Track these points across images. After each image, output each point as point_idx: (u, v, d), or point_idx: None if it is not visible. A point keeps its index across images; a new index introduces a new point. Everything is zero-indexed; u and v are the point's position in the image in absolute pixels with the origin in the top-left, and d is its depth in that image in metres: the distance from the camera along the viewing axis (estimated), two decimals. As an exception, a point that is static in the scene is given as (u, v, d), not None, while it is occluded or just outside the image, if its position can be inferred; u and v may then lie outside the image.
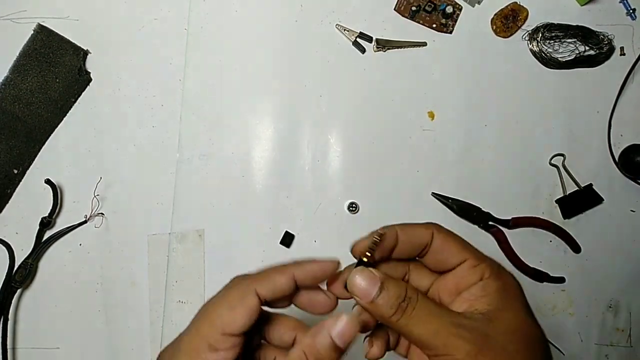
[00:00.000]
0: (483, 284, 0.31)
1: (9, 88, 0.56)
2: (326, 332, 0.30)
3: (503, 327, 0.29)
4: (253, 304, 0.30)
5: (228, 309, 0.30)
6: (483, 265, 0.31)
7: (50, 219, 0.56)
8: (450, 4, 0.60)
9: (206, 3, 0.60)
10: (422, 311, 0.29)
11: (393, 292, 0.30)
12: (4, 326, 0.54)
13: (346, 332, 0.30)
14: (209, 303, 0.31)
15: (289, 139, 0.60)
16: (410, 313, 0.29)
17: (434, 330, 0.29)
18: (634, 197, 0.62)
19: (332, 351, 0.30)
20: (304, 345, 0.30)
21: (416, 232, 0.33)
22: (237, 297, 0.30)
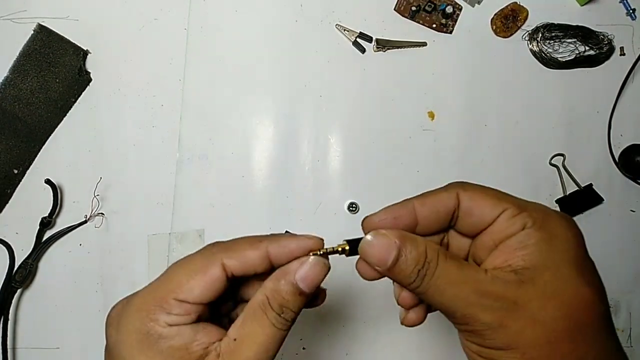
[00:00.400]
0: (524, 234, 0.26)
1: (9, 88, 0.56)
2: (290, 275, 0.28)
3: (538, 291, 0.25)
4: (216, 275, 0.28)
5: (187, 275, 0.28)
6: (525, 214, 0.27)
7: (50, 219, 0.56)
8: (450, 4, 0.60)
9: (206, 3, 0.60)
10: (442, 277, 0.26)
11: (411, 257, 0.27)
12: (4, 326, 0.54)
13: (310, 276, 0.28)
14: (173, 265, 0.29)
15: (289, 139, 0.60)
16: (429, 280, 0.26)
17: (453, 298, 0.26)
18: (634, 197, 0.62)
19: (296, 295, 0.28)
20: (267, 289, 0.28)
21: (438, 200, 0.29)
22: (199, 265, 0.28)
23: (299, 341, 0.58)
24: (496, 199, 0.28)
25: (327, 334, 0.59)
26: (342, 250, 0.30)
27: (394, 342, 0.60)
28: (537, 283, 0.25)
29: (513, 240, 0.26)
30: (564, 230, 0.27)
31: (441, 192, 0.29)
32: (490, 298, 0.25)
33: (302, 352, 0.58)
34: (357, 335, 0.59)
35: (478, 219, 0.28)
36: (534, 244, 0.26)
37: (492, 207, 0.27)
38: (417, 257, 0.27)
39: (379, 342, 0.60)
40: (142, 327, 0.27)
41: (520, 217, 0.27)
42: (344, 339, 0.59)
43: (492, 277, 0.26)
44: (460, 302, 0.25)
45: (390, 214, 0.29)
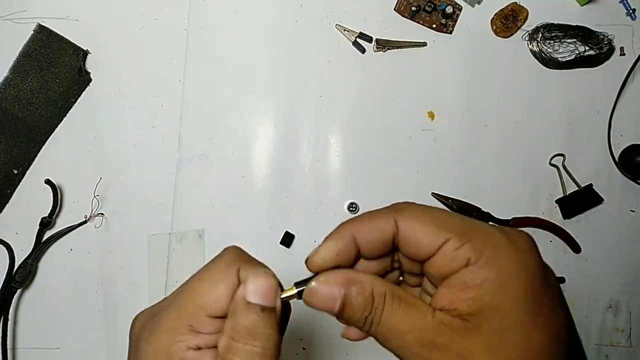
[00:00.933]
0: (467, 272, 0.23)
1: (9, 88, 0.56)
2: (240, 301, 0.25)
3: (484, 341, 0.23)
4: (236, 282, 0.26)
5: (211, 284, 0.26)
6: (468, 247, 0.24)
7: (50, 219, 0.56)
8: (450, 4, 0.60)
9: (206, 3, 0.60)
10: (387, 325, 0.25)
11: (357, 304, 0.25)
12: (4, 326, 0.54)
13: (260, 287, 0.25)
14: (196, 274, 0.27)
15: (289, 139, 0.60)
16: (375, 327, 0.25)
17: (399, 347, 0.25)
18: (634, 197, 0.62)
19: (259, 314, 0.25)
20: (227, 330, 0.25)
21: (375, 227, 0.26)
22: (223, 270, 0.26)
23: (299, 341, 0.58)
24: (436, 227, 0.25)
25: (327, 334, 0.59)
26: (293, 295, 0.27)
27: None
28: (483, 332, 0.23)
29: (457, 279, 0.24)
30: (514, 265, 0.23)
31: (379, 218, 0.26)
32: (434, 350, 0.23)
33: (302, 352, 0.58)
34: (357, 335, 0.59)
35: (417, 249, 0.25)
36: (478, 286, 0.23)
37: (432, 236, 0.24)
38: (364, 303, 0.25)
39: (379, 342, 0.60)
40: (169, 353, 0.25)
41: (464, 251, 0.24)
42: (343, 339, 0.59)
43: (438, 323, 0.24)
44: (405, 351, 0.24)
45: (331, 252, 0.27)
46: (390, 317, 0.25)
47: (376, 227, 0.26)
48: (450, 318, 0.24)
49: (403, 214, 0.26)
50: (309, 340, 0.59)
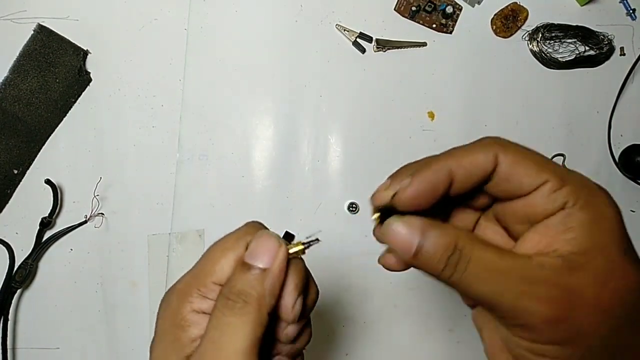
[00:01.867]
0: (565, 214, 0.23)
1: (9, 88, 0.56)
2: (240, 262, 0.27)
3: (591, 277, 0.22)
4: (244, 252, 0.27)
5: (220, 253, 0.27)
6: (567, 189, 0.24)
7: (50, 219, 0.56)
8: (450, 4, 0.60)
9: (206, 3, 0.60)
10: (479, 265, 0.23)
11: (439, 243, 0.24)
12: (4, 326, 0.54)
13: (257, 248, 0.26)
14: (214, 242, 0.29)
15: (289, 139, 0.60)
16: (463, 269, 0.23)
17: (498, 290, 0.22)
18: (634, 197, 0.62)
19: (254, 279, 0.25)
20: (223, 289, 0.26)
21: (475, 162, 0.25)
22: (233, 241, 0.28)
23: (299, 341, 0.58)
24: (538, 166, 0.24)
25: (327, 334, 0.59)
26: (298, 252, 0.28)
27: (393, 342, 0.60)
28: (589, 269, 0.22)
29: (555, 220, 0.24)
30: (608, 209, 0.24)
31: (477, 152, 0.26)
32: (543, 286, 0.22)
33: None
34: (357, 335, 0.59)
35: (516, 187, 0.25)
36: (580, 226, 0.23)
37: (533, 176, 0.24)
38: (446, 242, 0.24)
39: (378, 342, 0.60)
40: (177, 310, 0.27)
41: (562, 194, 0.24)
42: (344, 339, 0.59)
43: (539, 263, 0.23)
44: (507, 292, 0.22)
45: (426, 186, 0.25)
46: (483, 255, 0.23)
47: (477, 162, 0.25)
48: (551, 259, 0.23)
49: (505, 149, 0.25)
50: (309, 340, 0.59)
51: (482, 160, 0.25)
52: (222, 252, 0.27)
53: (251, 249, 0.26)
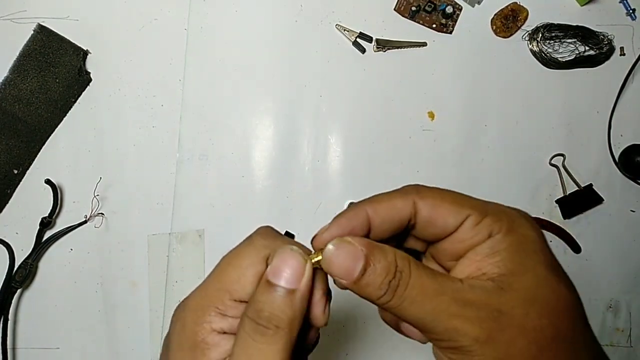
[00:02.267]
0: (492, 241, 0.24)
1: (9, 88, 0.56)
2: (262, 280, 0.25)
3: (520, 297, 0.23)
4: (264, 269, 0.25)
5: (239, 269, 0.25)
6: (489, 220, 0.25)
7: (50, 219, 0.56)
8: (450, 4, 0.60)
9: (206, 3, 0.60)
10: (416, 288, 0.23)
11: (380, 267, 0.24)
12: (4, 326, 0.54)
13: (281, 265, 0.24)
14: (227, 255, 0.27)
15: (289, 139, 0.60)
16: (402, 292, 0.23)
17: (431, 311, 0.23)
18: (634, 197, 0.62)
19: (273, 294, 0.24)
20: (248, 310, 0.24)
21: (392, 207, 0.26)
22: (252, 255, 0.26)
23: (299, 341, 0.58)
24: (457, 205, 0.25)
25: (327, 334, 0.59)
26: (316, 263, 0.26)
27: (393, 342, 0.60)
28: (516, 289, 0.23)
29: (482, 247, 0.25)
30: (530, 231, 0.25)
31: (395, 198, 0.26)
32: (473, 307, 0.23)
33: (302, 352, 0.58)
34: (357, 335, 0.59)
35: (439, 229, 0.26)
36: (505, 250, 0.24)
37: (454, 215, 0.25)
38: (387, 266, 0.24)
39: (379, 342, 0.60)
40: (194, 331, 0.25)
41: (485, 224, 0.25)
42: (344, 339, 0.59)
43: (469, 285, 0.24)
44: (440, 314, 0.23)
45: (343, 229, 0.26)
46: (419, 279, 0.24)
47: (394, 208, 0.26)
48: (481, 282, 0.24)
49: (422, 195, 0.26)
50: (309, 340, 0.59)
51: (399, 207, 0.26)
52: (241, 269, 0.26)
53: (275, 267, 0.25)
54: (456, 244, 0.25)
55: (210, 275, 0.26)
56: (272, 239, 0.27)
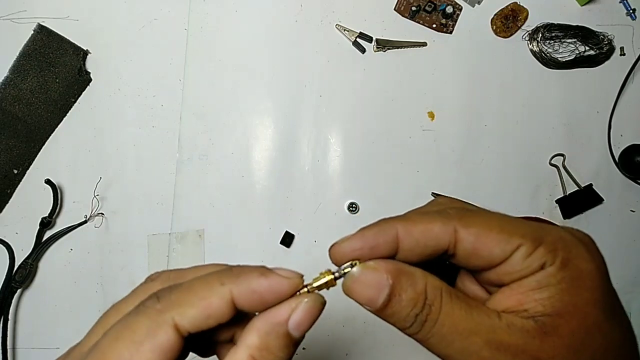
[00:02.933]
0: (541, 274, 0.21)
1: (9, 88, 0.56)
2: (281, 326, 0.22)
3: (564, 344, 0.20)
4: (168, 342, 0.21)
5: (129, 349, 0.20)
6: (543, 250, 0.22)
7: (50, 219, 0.56)
8: (450, 4, 0.60)
9: (206, 3, 0.60)
10: (447, 325, 0.21)
11: (407, 298, 0.22)
12: (4, 326, 0.54)
13: (305, 321, 0.22)
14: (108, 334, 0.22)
15: (289, 139, 0.60)
16: (431, 327, 0.21)
17: (461, 351, 0.21)
18: (634, 197, 0.62)
19: (290, 347, 0.22)
20: (252, 348, 0.22)
21: (429, 232, 0.23)
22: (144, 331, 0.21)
23: (299, 341, 0.58)
24: (506, 233, 0.22)
25: (327, 334, 0.59)
26: (328, 286, 0.24)
27: (394, 342, 0.60)
28: (562, 334, 0.20)
29: (529, 280, 0.22)
30: (589, 264, 0.22)
31: (434, 221, 0.23)
32: (507, 353, 0.20)
33: (302, 352, 0.58)
34: (357, 335, 0.59)
35: (484, 261, 0.22)
36: (555, 286, 0.21)
37: (502, 245, 0.22)
38: (415, 297, 0.22)
39: (379, 342, 0.60)
40: None
41: (538, 255, 0.22)
42: (344, 339, 0.59)
43: (507, 324, 0.21)
44: (472, 356, 0.21)
45: (366, 242, 0.23)
46: (450, 315, 0.21)
47: (430, 232, 0.23)
48: (521, 320, 0.21)
49: (465, 222, 0.22)
50: (309, 340, 0.58)
51: (436, 232, 0.23)
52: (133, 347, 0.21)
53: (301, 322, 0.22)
54: (503, 276, 0.22)
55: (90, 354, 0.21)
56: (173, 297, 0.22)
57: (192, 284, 0.22)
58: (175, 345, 0.21)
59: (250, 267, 0.23)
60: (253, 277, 0.22)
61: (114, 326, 0.22)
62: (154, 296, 0.22)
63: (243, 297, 0.22)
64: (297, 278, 0.23)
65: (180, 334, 0.21)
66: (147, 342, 0.21)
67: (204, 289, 0.22)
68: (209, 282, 0.22)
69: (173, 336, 0.21)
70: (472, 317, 0.21)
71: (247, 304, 0.22)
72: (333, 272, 0.24)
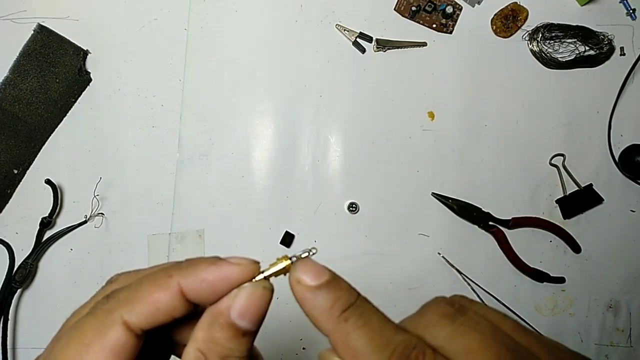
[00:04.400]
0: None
1: (9, 88, 0.56)
2: (224, 316, 0.21)
3: None
4: (118, 340, 0.20)
5: (78, 351, 0.20)
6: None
7: (50, 219, 0.56)
8: (450, 4, 0.60)
9: (206, 3, 0.60)
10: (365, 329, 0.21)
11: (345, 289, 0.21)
12: (4, 326, 0.54)
13: (250, 308, 0.21)
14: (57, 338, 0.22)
15: (289, 139, 0.60)
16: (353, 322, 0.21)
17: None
18: (634, 197, 0.62)
19: (239, 338, 0.21)
20: (198, 341, 0.21)
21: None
22: (92, 331, 0.21)
23: (299, 341, 0.58)
24: None
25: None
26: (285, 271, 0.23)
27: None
28: None
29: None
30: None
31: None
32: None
33: (302, 352, 0.58)
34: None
35: None
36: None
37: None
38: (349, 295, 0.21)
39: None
40: None
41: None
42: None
43: None
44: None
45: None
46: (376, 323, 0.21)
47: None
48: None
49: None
50: (309, 340, 0.59)
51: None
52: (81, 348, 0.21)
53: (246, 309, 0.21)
54: None
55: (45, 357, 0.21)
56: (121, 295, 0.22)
57: (140, 281, 0.22)
58: (128, 344, 0.21)
59: (202, 258, 0.23)
60: (202, 266, 0.22)
61: (66, 331, 0.22)
62: (104, 297, 0.22)
63: (193, 287, 0.21)
64: (250, 264, 0.23)
65: (132, 332, 0.21)
66: (96, 343, 0.20)
67: (151, 284, 0.21)
68: (156, 276, 0.22)
69: (123, 335, 0.20)
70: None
71: (199, 295, 0.22)
72: (290, 257, 0.24)
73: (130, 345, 0.21)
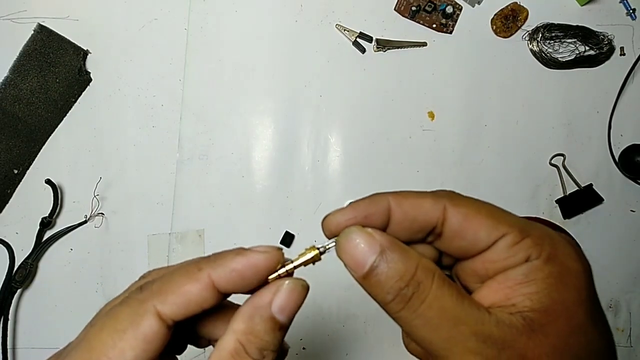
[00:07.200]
0: (527, 267, 0.21)
1: (9, 88, 0.56)
2: (265, 310, 0.22)
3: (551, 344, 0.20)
4: (151, 329, 0.21)
5: (112, 337, 0.21)
6: (529, 242, 0.21)
7: (50, 219, 0.56)
8: (450, 4, 0.60)
9: (206, 3, 0.60)
10: (434, 308, 0.21)
11: (394, 268, 0.21)
12: (4, 326, 0.54)
13: (290, 304, 0.23)
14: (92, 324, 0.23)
15: (289, 139, 0.60)
16: (417, 307, 0.21)
17: (446, 340, 0.20)
18: (634, 197, 0.62)
19: (276, 332, 0.22)
20: (238, 332, 0.22)
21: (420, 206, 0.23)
22: (127, 319, 0.22)
23: (299, 341, 0.58)
24: (493, 219, 0.22)
25: (327, 334, 0.59)
26: (313, 260, 0.24)
27: (394, 342, 0.60)
28: (549, 333, 0.20)
29: (516, 272, 0.21)
30: (576, 263, 0.22)
31: (425, 198, 0.23)
32: (495, 347, 0.20)
33: (302, 352, 0.58)
34: (357, 335, 0.59)
35: (470, 243, 0.22)
36: (542, 280, 0.21)
37: (489, 230, 0.22)
38: (404, 270, 0.21)
39: (379, 342, 0.60)
40: None
41: (523, 246, 0.21)
42: (344, 339, 0.59)
43: (496, 319, 0.20)
44: (455, 346, 0.20)
45: (359, 212, 0.23)
46: (441, 299, 0.21)
47: (421, 207, 0.23)
48: (509, 316, 0.21)
49: (455, 202, 0.23)
50: (309, 340, 0.59)
51: (427, 208, 0.23)
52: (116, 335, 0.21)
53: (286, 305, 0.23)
54: (486, 264, 0.22)
55: (75, 348, 0.22)
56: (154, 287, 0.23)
57: (172, 273, 0.23)
58: (159, 334, 0.21)
59: (228, 250, 0.23)
60: (230, 257, 0.23)
61: (100, 317, 0.23)
62: (137, 288, 0.23)
63: (223, 278, 0.22)
64: (275, 251, 0.24)
65: (164, 322, 0.22)
66: (130, 330, 0.21)
67: (182, 276, 0.23)
68: (187, 269, 0.23)
69: (156, 324, 0.21)
70: (462, 305, 0.21)
71: (229, 285, 0.23)
72: (318, 247, 0.24)
73: (162, 335, 0.22)
